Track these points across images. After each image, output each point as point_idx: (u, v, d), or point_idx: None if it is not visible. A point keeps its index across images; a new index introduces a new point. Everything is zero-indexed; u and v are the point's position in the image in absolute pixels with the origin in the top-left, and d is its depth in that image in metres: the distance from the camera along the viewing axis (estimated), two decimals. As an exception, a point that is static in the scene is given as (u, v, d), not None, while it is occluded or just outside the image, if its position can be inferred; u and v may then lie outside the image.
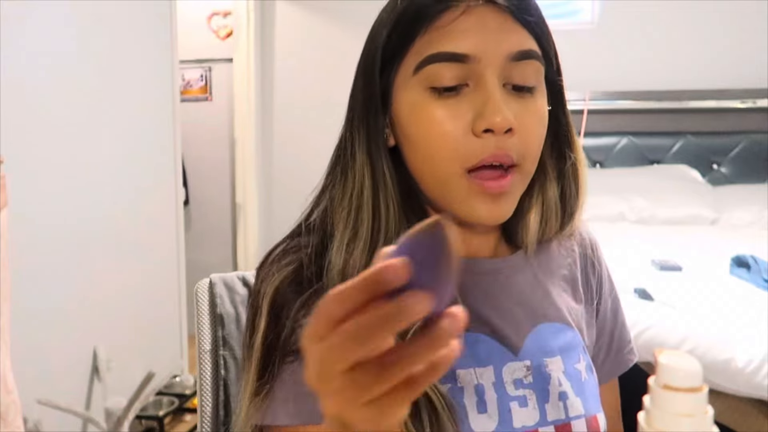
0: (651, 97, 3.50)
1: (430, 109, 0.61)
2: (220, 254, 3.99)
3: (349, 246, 0.62)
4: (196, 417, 2.87)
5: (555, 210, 0.72)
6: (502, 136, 0.60)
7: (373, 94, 0.65)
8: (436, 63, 0.60)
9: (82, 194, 2.34)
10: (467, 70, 0.60)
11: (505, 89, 0.61)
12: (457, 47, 0.60)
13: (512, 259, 0.73)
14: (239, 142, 3.82)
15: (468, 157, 0.60)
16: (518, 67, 0.61)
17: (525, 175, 0.64)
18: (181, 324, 3.04)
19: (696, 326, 1.90)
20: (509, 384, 0.66)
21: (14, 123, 1.97)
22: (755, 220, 3.02)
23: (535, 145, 0.63)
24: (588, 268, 0.79)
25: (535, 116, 0.63)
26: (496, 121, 0.58)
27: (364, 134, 0.65)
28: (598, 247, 0.82)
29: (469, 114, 0.60)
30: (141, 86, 2.71)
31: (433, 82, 0.61)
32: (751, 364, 1.77)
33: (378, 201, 0.63)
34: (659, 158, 3.51)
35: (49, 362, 2.18)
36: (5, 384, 1.32)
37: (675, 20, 3.47)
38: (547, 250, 0.76)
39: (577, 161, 0.72)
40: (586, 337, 0.76)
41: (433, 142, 0.61)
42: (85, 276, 2.37)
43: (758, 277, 2.11)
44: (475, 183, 0.61)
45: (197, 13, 3.89)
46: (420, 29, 0.61)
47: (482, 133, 0.60)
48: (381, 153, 0.64)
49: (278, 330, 0.61)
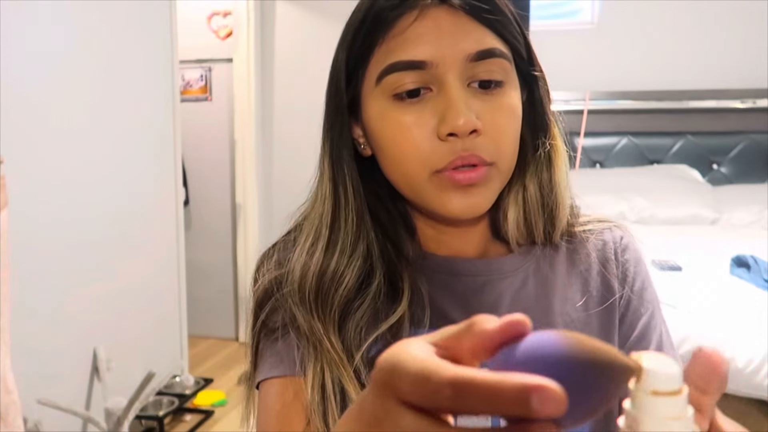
0: (651, 97, 3.51)
1: (395, 116, 0.61)
2: (220, 254, 3.99)
3: (309, 251, 0.65)
4: (196, 417, 2.88)
5: (537, 206, 0.69)
6: (468, 138, 0.59)
7: (337, 106, 0.66)
8: (395, 72, 0.60)
9: (82, 194, 2.35)
10: (428, 75, 0.60)
11: (471, 89, 0.61)
12: (414, 55, 0.60)
13: (499, 262, 0.69)
14: (239, 142, 3.83)
15: (436, 161, 0.60)
16: (480, 66, 0.60)
17: (502, 171, 0.62)
18: (181, 324, 3.05)
19: (696, 326, 1.90)
20: None
21: (14, 123, 1.97)
22: (755, 220, 3.02)
23: (507, 141, 0.62)
24: (610, 276, 0.70)
25: (504, 111, 0.61)
26: (458, 125, 0.58)
27: (328, 146, 0.67)
28: (628, 252, 0.72)
29: (433, 119, 0.60)
30: (141, 86, 2.71)
31: (395, 90, 0.61)
32: (751, 364, 1.77)
33: (337, 214, 0.65)
34: (659, 158, 3.51)
35: (49, 362, 2.18)
36: (5, 384, 1.32)
37: (675, 20, 3.47)
38: (552, 255, 0.71)
39: (553, 149, 0.68)
40: None
41: (400, 148, 0.61)
42: (85, 276, 2.37)
43: (758, 277, 2.11)
44: (445, 177, 0.60)
45: (197, 13, 3.89)
46: (378, 38, 0.61)
47: (447, 137, 0.59)
48: (343, 165, 0.65)
49: (259, 321, 0.66)
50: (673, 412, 0.37)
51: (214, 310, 3.93)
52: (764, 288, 2.05)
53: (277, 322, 0.65)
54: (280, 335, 0.64)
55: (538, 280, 0.69)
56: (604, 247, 0.72)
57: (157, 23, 2.80)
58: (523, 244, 0.70)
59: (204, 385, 3.01)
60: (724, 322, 1.91)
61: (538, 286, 0.69)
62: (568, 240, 0.72)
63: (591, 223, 0.74)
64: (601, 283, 0.70)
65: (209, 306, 3.89)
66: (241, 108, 3.79)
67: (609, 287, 0.70)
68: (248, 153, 3.80)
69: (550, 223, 0.69)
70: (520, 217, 0.69)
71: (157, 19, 2.80)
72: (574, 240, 0.72)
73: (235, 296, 3.98)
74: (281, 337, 0.64)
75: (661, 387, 0.37)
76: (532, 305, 0.67)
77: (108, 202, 2.49)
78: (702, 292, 2.09)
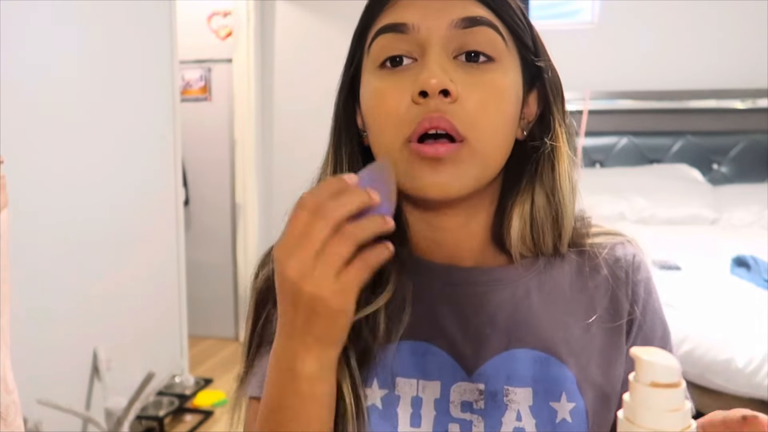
0: (651, 97, 3.51)
1: (375, 84, 0.60)
2: (220, 254, 3.99)
3: None
4: (196, 417, 2.89)
5: (545, 219, 0.64)
6: (441, 101, 0.56)
7: (342, 87, 0.66)
8: (380, 36, 0.60)
9: (82, 194, 2.35)
10: (412, 42, 0.59)
11: (458, 61, 0.59)
12: (398, 18, 0.59)
13: (498, 272, 0.65)
14: (239, 142, 3.83)
15: (406, 126, 0.58)
16: (467, 35, 0.58)
17: (477, 153, 0.58)
18: (181, 324, 3.05)
19: (696, 326, 1.90)
20: (456, 405, 0.61)
21: (14, 123, 1.97)
22: (755, 220, 3.02)
23: (486, 120, 0.58)
24: (620, 296, 0.66)
25: (488, 87, 0.58)
26: (429, 83, 0.55)
27: (333, 138, 0.67)
28: (640, 273, 0.68)
29: (410, 86, 0.58)
30: (141, 86, 2.71)
31: (380, 56, 0.60)
32: (751, 364, 1.77)
33: None
34: (659, 158, 3.51)
35: (50, 362, 2.18)
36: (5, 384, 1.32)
37: (675, 20, 3.47)
38: (558, 267, 0.66)
39: (555, 152, 0.64)
40: (596, 374, 0.64)
41: (378, 117, 0.60)
42: (85, 276, 2.37)
43: (758, 277, 2.11)
44: (412, 149, 0.58)
45: (197, 13, 3.89)
46: (376, 12, 0.62)
47: (419, 98, 0.57)
48: (344, 156, 0.65)
49: (260, 322, 0.66)
50: (671, 404, 0.37)
51: (214, 310, 3.93)
52: (764, 288, 2.05)
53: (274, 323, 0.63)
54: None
55: (541, 293, 0.65)
56: (616, 264, 0.67)
57: (157, 23, 2.80)
58: (527, 255, 0.66)
59: (204, 385, 3.01)
60: (724, 322, 1.91)
61: (541, 299, 0.65)
62: (578, 252, 0.67)
63: (602, 236, 0.69)
64: (610, 302, 0.66)
65: (209, 306, 3.88)
66: (241, 108, 3.79)
67: (617, 307, 0.66)
68: (248, 153, 3.80)
69: (557, 234, 0.65)
70: (527, 231, 0.64)
71: (157, 19, 2.80)
72: (583, 253, 0.67)
73: (235, 296, 3.98)
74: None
75: (660, 379, 0.37)
76: (533, 318, 0.64)
77: (108, 202, 2.49)
78: (702, 292, 2.09)
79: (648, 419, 0.38)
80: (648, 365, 0.39)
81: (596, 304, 0.66)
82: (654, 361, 0.39)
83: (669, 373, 0.39)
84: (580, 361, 0.64)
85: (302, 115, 3.81)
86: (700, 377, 1.84)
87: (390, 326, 0.61)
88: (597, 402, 0.63)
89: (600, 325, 0.65)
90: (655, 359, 0.39)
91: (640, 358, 0.39)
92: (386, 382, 0.62)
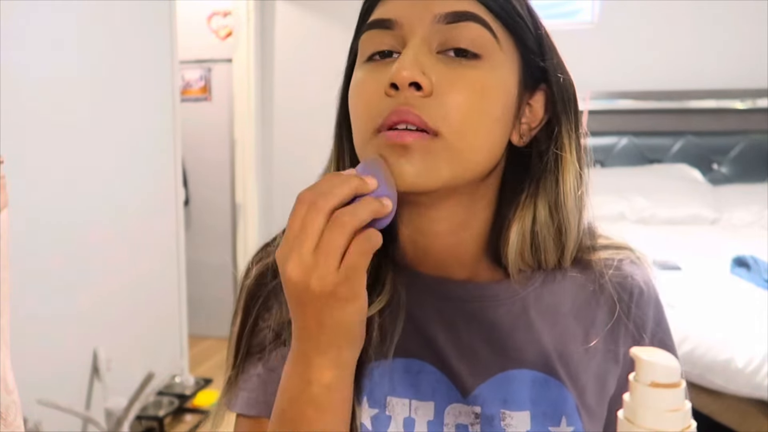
0: (651, 97, 3.51)
1: (358, 75, 0.59)
2: (220, 254, 3.99)
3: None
4: (196, 417, 2.88)
5: (548, 235, 0.61)
6: (412, 94, 0.54)
7: (343, 85, 0.65)
8: (367, 32, 0.59)
9: (82, 194, 2.35)
10: (397, 37, 0.57)
11: (442, 55, 0.56)
12: (384, 14, 0.58)
13: (493, 288, 0.62)
14: (239, 142, 3.83)
15: (376, 116, 0.56)
16: (452, 30, 0.56)
17: (452, 148, 0.55)
18: (181, 324, 3.05)
19: (696, 326, 1.90)
20: (450, 426, 0.59)
21: (14, 123, 1.97)
22: (755, 220, 3.02)
23: (461, 114, 0.54)
24: (625, 319, 0.64)
25: (468, 82, 0.55)
26: (400, 75, 0.53)
27: (336, 136, 0.66)
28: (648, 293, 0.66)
29: (386, 78, 0.56)
30: (141, 86, 2.71)
31: (366, 52, 0.59)
32: (751, 364, 1.77)
33: None
34: (659, 158, 3.51)
35: (50, 362, 2.18)
36: (5, 384, 1.32)
37: (675, 20, 3.47)
38: (559, 283, 0.63)
39: (560, 161, 0.60)
40: (591, 397, 0.61)
41: (356, 107, 0.59)
42: (85, 276, 2.37)
43: (758, 277, 2.11)
44: (382, 136, 0.55)
45: (197, 13, 3.89)
46: (371, 9, 0.61)
47: (391, 90, 0.55)
48: (345, 155, 0.65)
49: (249, 324, 0.64)
50: (672, 404, 0.37)
51: (214, 310, 3.93)
52: (764, 288, 2.05)
53: (266, 331, 0.62)
54: (267, 352, 0.62)
55: (539, 309, 0.62)
56: (623, 283, 0.64)
57: (157, 23, 2.80)
58: (525, 270, 0.62)
59: (204, 386, 3.01)
60: (724, 322, 1.91)
61: (539, 316, 0.62)
62: (582, 268, 0.64)
63: (609, 250, 0.66)
64: (614, 324, 0.63)
65: (209, 306, 3.88)
66: (241, 108, 3.79)
67: (619, 331, 0.63)
68: (248, 153, 3.80)
69: (560, 251, 0.62)
70: (526, 248, 0.61)
71: (157, 19, 2.80)
72: (588, 270, 0.64)
73: (235, 296, 3.97)
74: (268, 353, 0.62)
75: (660, 379, 0.37)
76: (531, 337, 0.61)
77: (108, 202, 2.49)
78: (702, 292, 2.09)
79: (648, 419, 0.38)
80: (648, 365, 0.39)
81: (598, 325, 0.63)
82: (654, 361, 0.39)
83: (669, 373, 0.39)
84: (579, 382, 0.61)
85: (302, 115, 3.81)
86: (700, 377, 1.84)
87: (384, 336, 0.59)
88: (589, 427, 0.61)
89: (599, 348, 0.62)
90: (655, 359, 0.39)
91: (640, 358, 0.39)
92: (378, 401, 0.59)
